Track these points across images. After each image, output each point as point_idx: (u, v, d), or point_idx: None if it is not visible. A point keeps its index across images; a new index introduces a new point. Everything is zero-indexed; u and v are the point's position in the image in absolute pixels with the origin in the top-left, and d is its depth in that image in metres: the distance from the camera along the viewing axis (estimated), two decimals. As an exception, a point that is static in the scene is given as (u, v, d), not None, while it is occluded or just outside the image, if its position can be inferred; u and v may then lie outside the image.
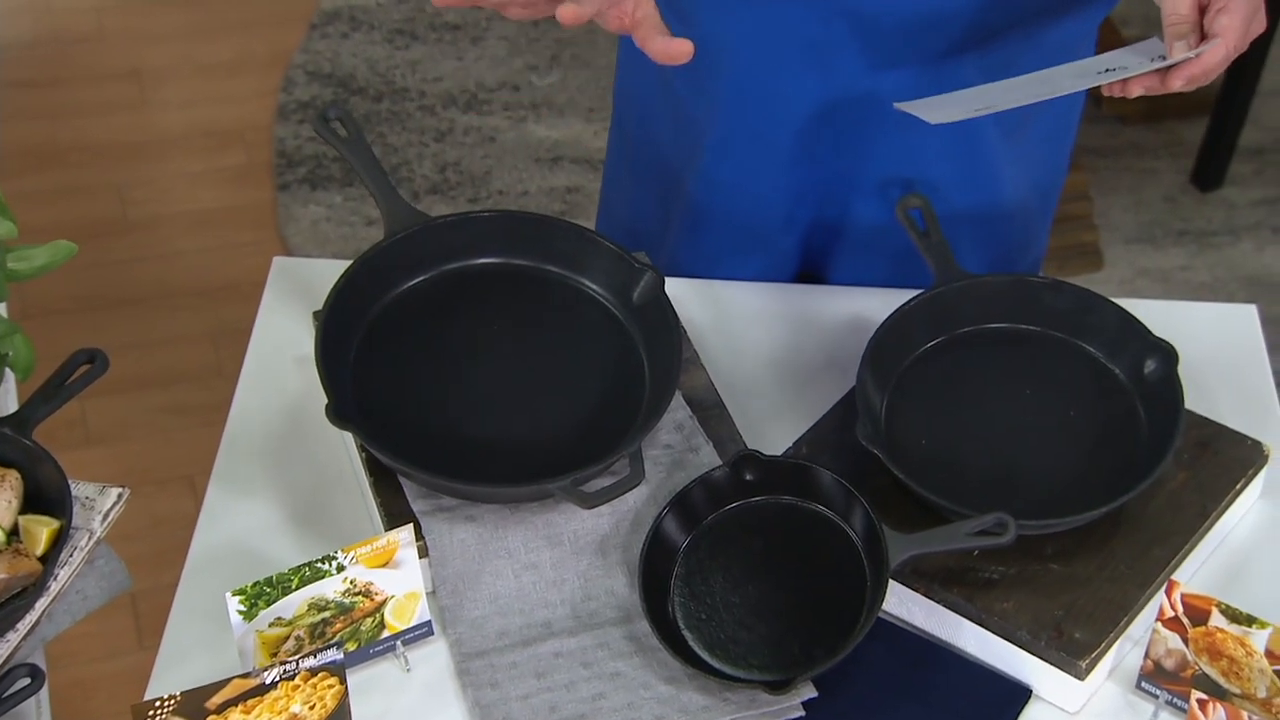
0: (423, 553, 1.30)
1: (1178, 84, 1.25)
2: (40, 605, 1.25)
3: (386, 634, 1.28)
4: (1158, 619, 1.23)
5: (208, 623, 1.28)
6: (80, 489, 1.31)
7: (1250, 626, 1.19)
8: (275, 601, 1.21)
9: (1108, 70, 1.27)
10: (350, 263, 1.41)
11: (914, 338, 1.43)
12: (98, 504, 1.31)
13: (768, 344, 1.54)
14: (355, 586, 1.24)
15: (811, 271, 1.67)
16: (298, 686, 1.16)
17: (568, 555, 1.32)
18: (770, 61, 1.47)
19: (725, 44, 1.47)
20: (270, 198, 3.14)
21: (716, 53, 1.47)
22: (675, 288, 1.47)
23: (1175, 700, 1.25)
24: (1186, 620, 1.21)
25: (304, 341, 1.48)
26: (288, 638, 1.23)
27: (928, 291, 1.44)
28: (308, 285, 1.54)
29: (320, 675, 1.16)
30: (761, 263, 1.63)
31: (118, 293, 2.94)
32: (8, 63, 3.40)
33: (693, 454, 1.38)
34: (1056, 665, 1.25)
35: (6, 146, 3.21)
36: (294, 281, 1.56)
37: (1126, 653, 1.30)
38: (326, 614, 1.24)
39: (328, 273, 1.44)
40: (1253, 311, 1.58)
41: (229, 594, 1.20)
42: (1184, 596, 1.21)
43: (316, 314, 1.43)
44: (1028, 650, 1.26)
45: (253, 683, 1.15)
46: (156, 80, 3.38)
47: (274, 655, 1.23)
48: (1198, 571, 1.35)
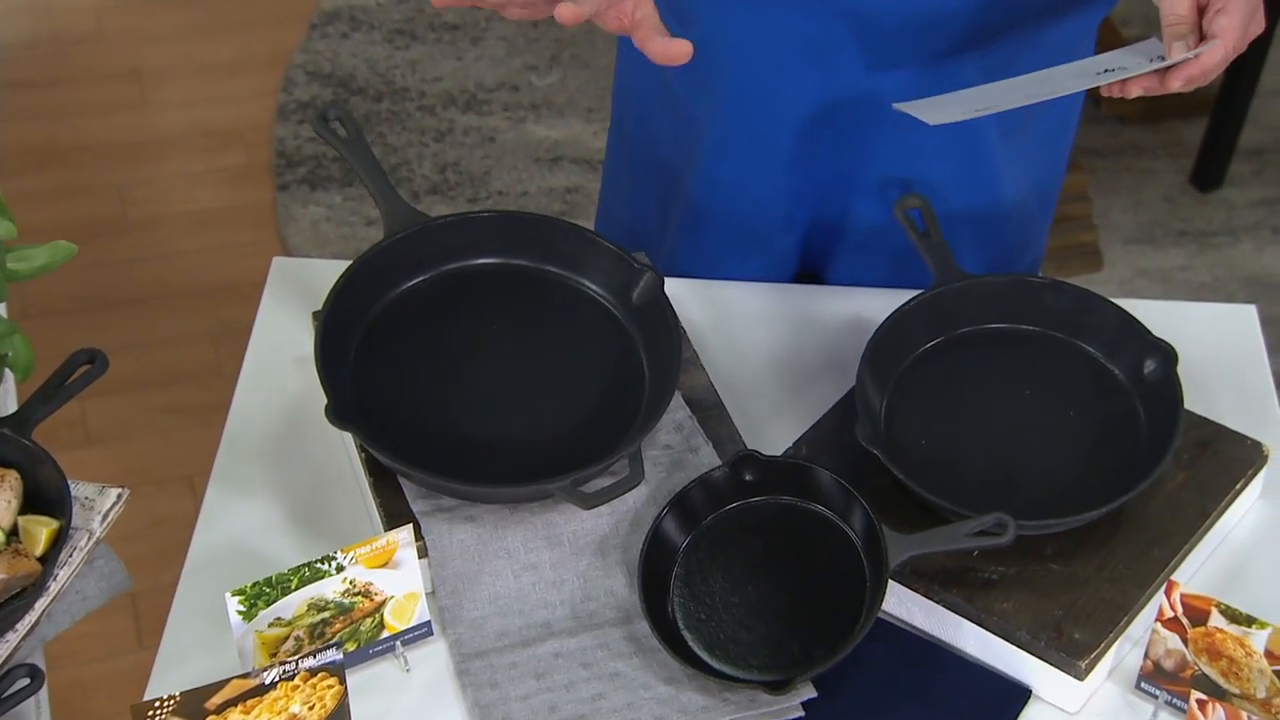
0: (422, 553, 1.30)
1: (1177, 84, 1.25)
2: (40, 605, 1.25)
3: (386, 634, 1.28)
4: (1157, 619, 1.23)
5: (207, 623, 1.28)
6: (80, 489, 1.31)
7: (1250, 627, 1.19)
8: (275, 602, 1.21)
9: (1107, 71, 1.27)
10: (350, 263, 1.41)
11: (913, 338, 1.43)
12: (97, 504, 1.31)
13: (767, 344, 1.54)
14: (355, 587, 1.24)
15: (811, 272, 1.67)
16: (297, 687, 1.16)
17: (567, 556, 1.32)
18: (770, 61, 1.47)
19: (725, 44, 1.47)
20: (270, 198, 3.14)
21: (716, 53, 1.47)
22: (675, 288, 1.47)
23: (1175, 700, 1.25)
24: (1186, 620, 1.21)
25: (304, 342, 1.47)
26: (287, 638, 1.23)
27: (927, 292, 1.44)
28: (307, 285, 1.54)
29: (320, 675, 1.16)
30: (761, 263, 1.63)
31: (117, 293, 2.94)
32: (7, 63, 3.39)
33: (692, 454, 1.38)
34: (1056, 665, 1.25)
35: (6, 146, 3.21)
36: (294, 282, 1.56)
37: (1126, 653, 1.30)
38: (326, 614, 1.24)
39: (327, 273, 1.44)
40: (1252, 312, 1.58)
41: (228, 594, 1.20)
42: (1183, 597, 1.21)
43: (316, 314, 1.44)
44: (1027, 650, 1.26)
45: (252, 683, 1.14)
46: (156, 80, 3.38)
47: (273, 655, 1.23)
48: (1197, 572, 1.35)
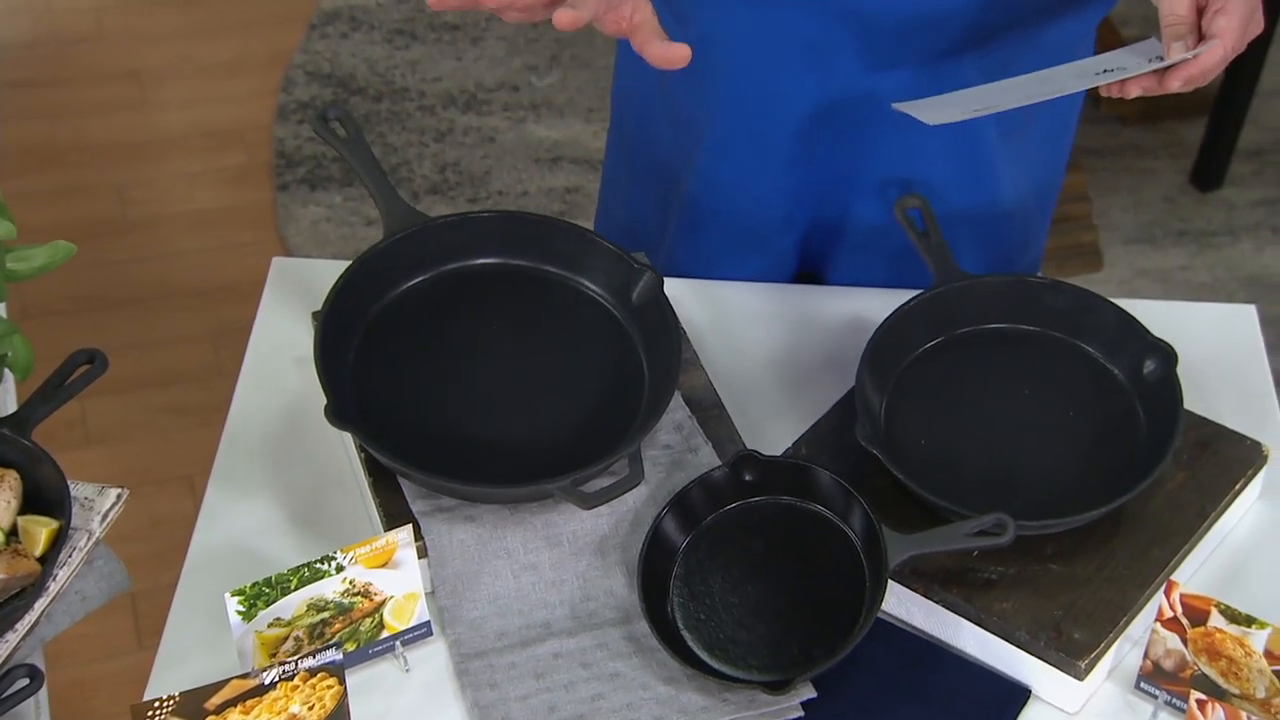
0: (422, 553, 1.30)
1: (1176, 85, 1.25)
2: (39, 606, 1.25)
3: (385, 634, 1.28)
4: (1157, 619, 1.23)
5: (207, 623, 1.28)
6: (79, 489, 1.31)
7: (1249, 627, 1.19)
8: (274, 602, 1.21)
9: (1106, 71, 1.27)
10: (349, 263, 1.41)
11: (913, 338, 1.43)
12: (97, 504, 1.31)
13: (767, 344, 1.54)
14: (354, 587, 1.24)
15: (810, 272, 1.67)
16: (297, 687, 1.16)
17: (567, 556, 1.32)
18: (769, 62, 1.47)
19: (724, 44, 1.47)
20: (270, 198, 3.14)
21: (715, 53, 1.47)
22: (674, 288, 1.47)
23: (1174, 701, 1.25)
24: (1185, 621, 1.21)
25: (303, 342, 1.47)
26: (287, 638, 1.23)
27: (927, 292, 1.44)
28: (307, 285, 1.54)
29: (319, 676, 1.16)
30: (760, 263, 1.63)
31: (117, 293, 2.94)
32: (7, 63, 3.39)
33: (692, 454, 1.38)
34: (1056, 665, 1.25)
35: (6, 146, 3.21)
36: (293, 282, 1.56)
37: (1126, 653, 1.30)
38: (325, 614, 1.24)
39: (327, 273, 1.44)
40: (1252, 312, 1.58)
41: (228, 594, 1.20)
42: (1183, 597, 1.21)
43: (316, 314, 1.44)
44: (1027, 650, 1.26)
45: (252, 683, 1.14)
46: (156, 80, 3.38)
47: (273, 656, 1.23)
48: (1197, 572, 1.35)
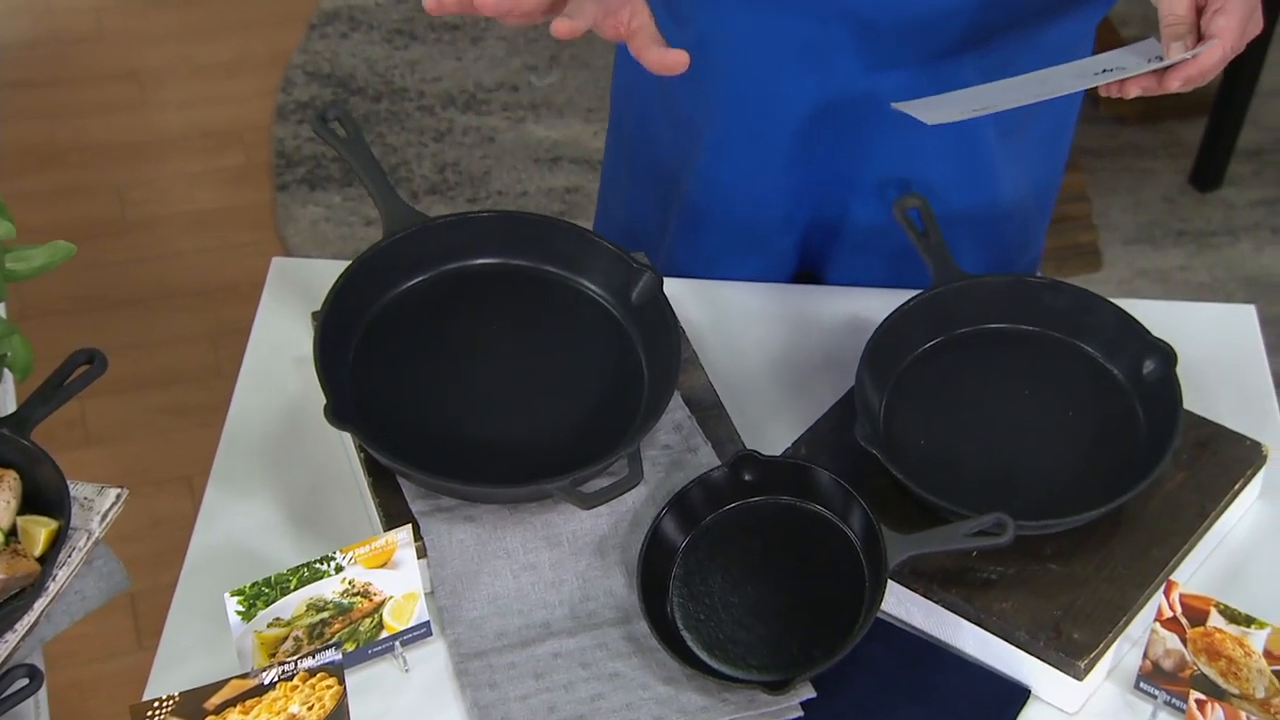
0: (421, 553, 1.30)
1: (1175, 85, 1.25)
2: (38, 606, 1.25)
3: (385, 634, 1.28)
4: (1156, 619, 1.23)
5: (206, 623, 1.28)
6: (79, 489, 1.31)
7: (1249, 627, 1.19)
8: (274, 602, 1.21)
9: (1105, 71, 1.27)
10: (349, 263, 1.41)
11: (912, 338, 1.43)
12: (96, 504, 1.31)
13: (766, 344, 1.54)
14: (354, 587, 1.24)
15: (810, 272, 1.67)
16: (296, 687, 1.16)
17: (566, 556, 1.32)
18: (768, 62, 1.47)
19: (723, 45, 1.47)
20: (269, 198, 3.14)
21: (714, 53, 1.47)
22: (674, 288, 1.47)
23: (1174, 700, 1.25)
24: (1185, 621, 1.21)
25: (303, 342, 1.47)
26: (286, 638, 1.23)
27: (926, 292, 1.44)
28: (306, 286, 1.54)
29: (319, 676, 1.16)
30: (760, 263, 1.63)
31: (116, 293, 2.94)
32: (7, 63, 3.39)
33: (691, 454, 1.38)
34: (1055, 665, 1.25)
35: (5, 147, 3.21)
36: (293, 282, 1.56)
37: (1125, 653, 1.30)
38: (325, 614, 1.24)
39: (326, 273, 1.44)
40: (1251, 312, 1.58)
41: (227, 594, 1.20)
42: (1182, 597, 1.21)
43: (315, 314, 1.44)
44: (1026, 650, 1.26)
45: (251, 683, 1.14)
46: (155, 80, 3.38)
47: (272, 656, 1.23)
48: (1196, 572, 1.35)
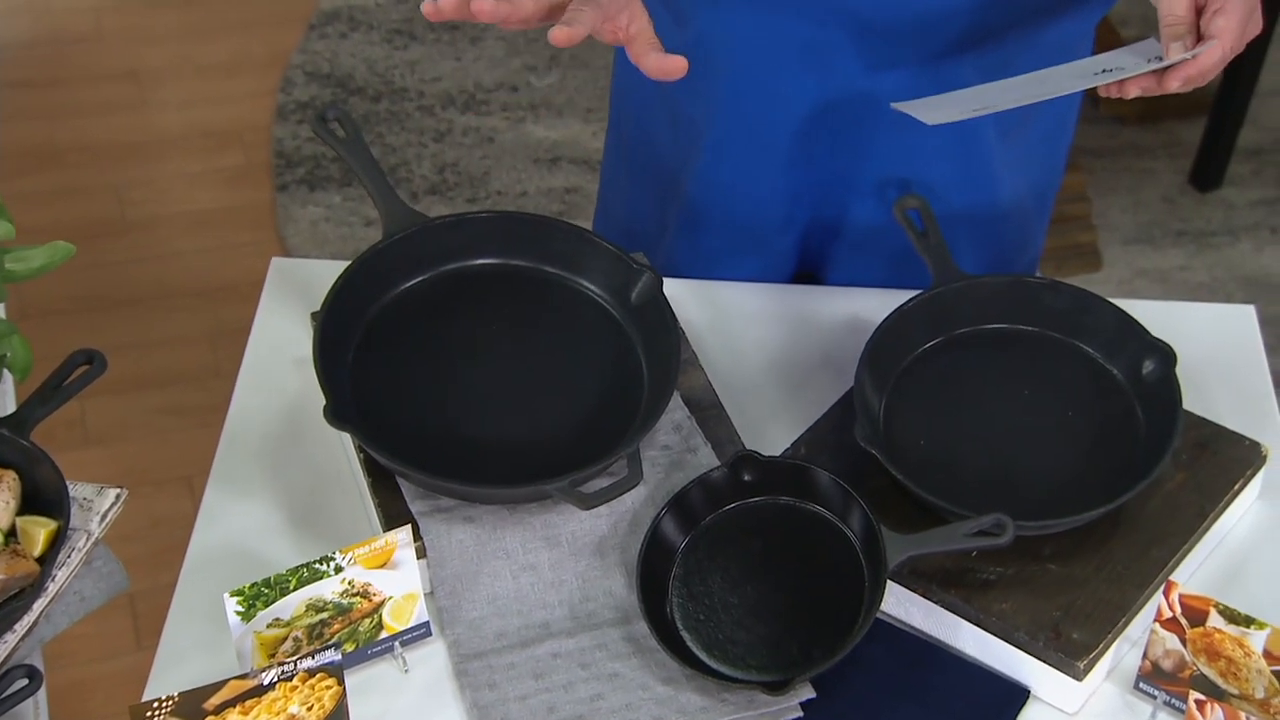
0: (421, 554, 1.30)
1: (1174, 85, 1.25)
2: (38, 606, 1.25)
3: (384, 635, 1.27)
4: (1156, 620, 1.23)
5: (206, 623, 1.28)
6: (78, 490, 1.31)
7: (1248, 627, 1.19)
8: (273, 602, 1.21)
9: (1105, 71, 1.27)
10: (348, 263, 1.41)
11: (912, 338, 1.43)
12: (95, 505, 1.31)
13: (766, 345, 1.54)
14: (353, 587, 1.24)
15: (809, 272, 1.67)
16: (295, 687, 1.16)
17: (566, 556, 1.32)
18: (767, 62, 1.46)
19: (722, 45, 1.47)
20: (269, 198, 3.14)
21: (714, 54, 1.47)
22: (673, 288, 1.47)
23: (1173, 701, 1.25)
24: (1184, 621, 1.21)
25: (302, 342, 1.47)
26: (286, 639, 1.23)
27: (926, 292, 1.44)
28: (306, 286, 1.54)
29: (318, 676, 1.16)
30: (759, 263, 1.63)
31: (116, 293, 2.94)
32: (6, 63, 3.39)
33: (691, 454, 1.38)
34: (1054, 666, 1.25)
35: (5, 147, 3.21)
36: (292, 282, 1.56)
37: (1124, 653, 1.30)
38: (324, 615, 1.24)
39: (326, 273, 1.44)
40: (1251, 312, 1.58)
41: (227, 595, 1.19)
42: (1182, 597, 1.21)
43: (315, 315, 1.44)
44: (1026, 651, 1.26)
45: (250, 684, 1.14)
46: (155, 81, 3.38)
47: (272, 656, 1.23)
48: (1196, 572, 1.35)
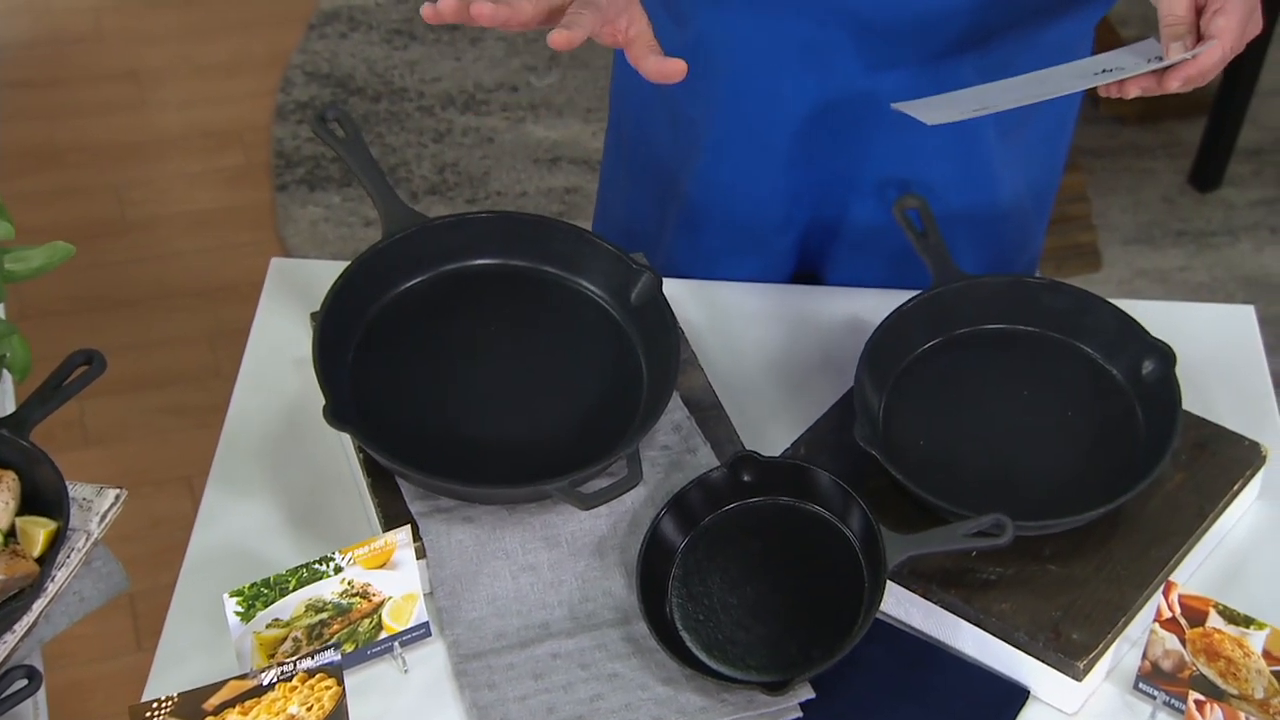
0: (420, 554, 1.30)
1: (1175, 85, 1.25)
2: (37, 607, 1.25)
3: (384, 635, 1.27)
4: (1155, 620, 1.23)
5: (205, 624, 1.28)
6: (77, 490, 1.31)
7: (1248, 627, 1.19)
8: (273, 603, 1.21)
9: (1105, 71, 1.27)
10: (348, 264, 1.41)
11: (912, 338, 1.43)
12: (95, 505, 1.31)
13: (765, 345, 1.54)
14: (353, 588, 1.24)
15: (808, 272, 1.67)
16: (295, 688, 1.16)
17: (565, 556, 1.32)
18: (767, 62, 1.46)
19: (722, 45, 1.47)
20: (268, 198, 3.14)
21: (713, 54, 1.47)
22: (673, 288, 1.47)
23: (1173, 701, 1.25)
24: (1184, 621, 1.21)
25: (302, 342, 1.47)
26: (285, 639, 1.23)
27: (926, 292, 1.44)
28: (306, 286, 1.54)
29: (318, 676, 1.16)
30: (759, 263, 1.63)
31: (115, 294, 2.94)
32: (6, 63, 3.39)
33: (690, 455, 1.38)
34: (1054, 666, 1.25)
35: (4, 147, 3.21)
36: (292, 282, 1.56)
37: (1124, 654, 1.30)
38: (324, 615, 1.24)
39: (325, 274, 1.43)
40: (1251, 312, 1.58)
41: (226, 595, 1.19)
42: (1181, 597, 1.21)
43: (314, 315, 1.44)
44: (1025, 651, 1.26)
45: (250, 684, 1.14)
46: (155, 81, 3.38)
47: (271, 656, 1.23)
48: (1195, 572, 1.35)
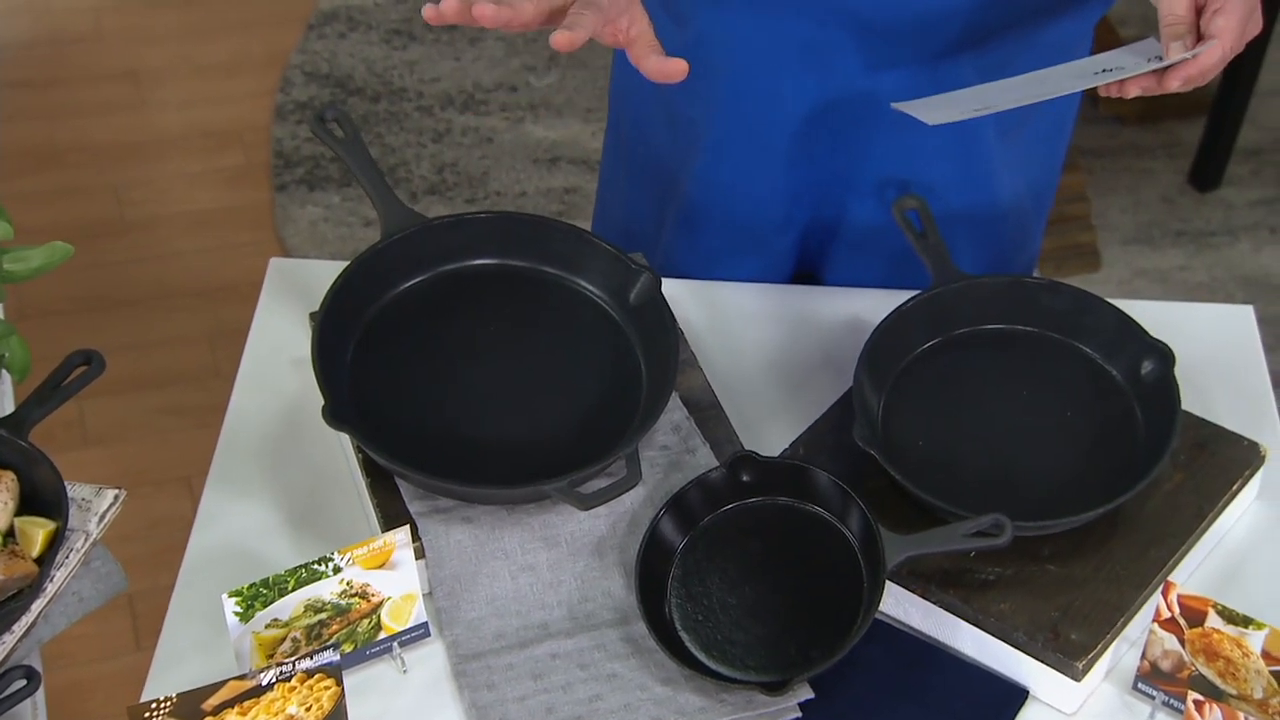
0: (419, 554, 1.30)
1: (1174, 85, 1.25)
2: (36, 607, 1.25)
3: (383, 635, 1.27)
4: (1154, 620, 1.23)
5: (204, 624, 1.28)
6: (76, 490, 1.31)
7: (1247, 628, 1.19)
8: (272, 603, 1.21)
9: (1105, 70, 1.27)
10: (347, 264, 1.41)
11: (911, 339, 1.43)
12: (94, 505, 1.31)
13: (764, 345, 1.54)
14: (352, 588, 1.24)
15: (808, 272, 1.67)
16: (294, 688, 1.16)
17: (565, 557, 1.32)
18: (767, 62, 1.46)
19: (721, 45, 1.47)
20: (268, 198, 3.14)
21: (713, 54, 1.47)
22: (672, 288, 1.47)
23: (1172, 701, 1.25)
24: (1183, 621, 1.21)
25: (301, 343, 1.47)
26: (284, 639, 1.23)
27: (925, 292, 1.44)
28: (305, 286, 1.54)
29: (317, 677, 1.16)
30: (758, 263, 1.63)
31: (115, 294, 2.94)
32: (5, 63, 3.39)
33: (690, 455, 1.38)
34: (1053, 666, 1.25)
35: (4, 147, 3.21)
36: (291, 282, 1.56)
37: (1123, 654, 1.30)
38: (323, 615, 1.24)
39: (325, 274, 1.44)
40: (1250, 312, 1.58)
41: (225, 595, 1.19)
42: (1180, 597, 1.21)
43: (313, 315, 1.43)
44: (1024, 651, 1.26)
45: (249, 684, 1.14)
46: (154, 81, 3.38)
47: (270, 657, 1.23)
48: (1194, 573, 1.35)
